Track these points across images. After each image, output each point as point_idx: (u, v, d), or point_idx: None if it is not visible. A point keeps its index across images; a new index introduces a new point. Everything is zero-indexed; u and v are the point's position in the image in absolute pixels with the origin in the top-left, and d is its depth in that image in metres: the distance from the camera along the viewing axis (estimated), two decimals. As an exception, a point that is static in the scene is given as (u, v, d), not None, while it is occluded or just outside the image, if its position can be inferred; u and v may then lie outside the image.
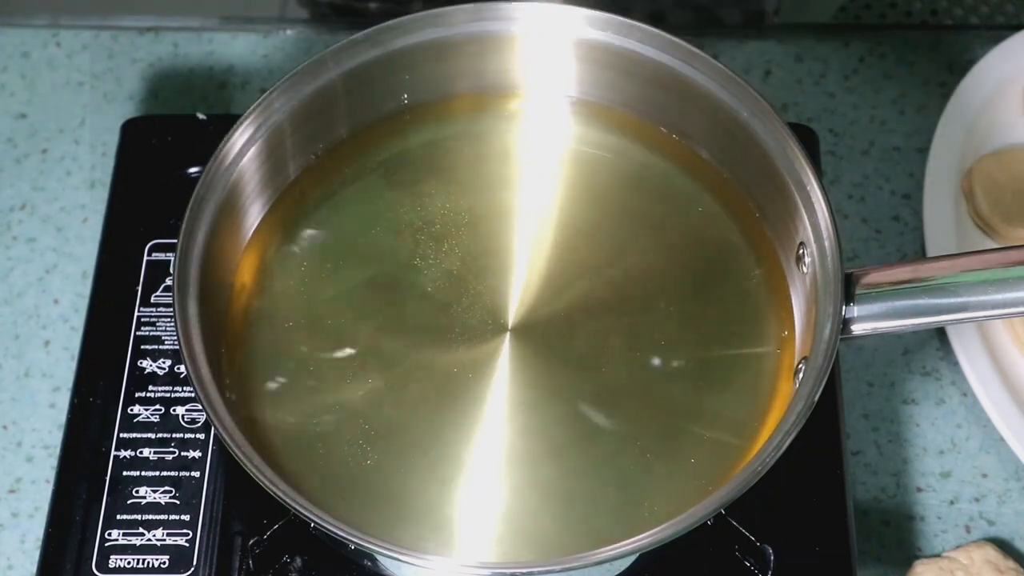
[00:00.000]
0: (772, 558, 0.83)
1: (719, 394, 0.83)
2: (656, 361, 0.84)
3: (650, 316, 0.86)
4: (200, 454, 0.88)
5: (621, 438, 0.82)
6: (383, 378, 0.84)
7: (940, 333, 0.99)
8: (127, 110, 1.11)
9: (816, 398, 0.75)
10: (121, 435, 0.88)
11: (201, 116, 1.00)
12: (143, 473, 0.87)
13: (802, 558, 0.85)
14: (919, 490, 0.94)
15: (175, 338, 0.84)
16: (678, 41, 0.87)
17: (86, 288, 1.02)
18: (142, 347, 0.92)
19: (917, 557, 0.92)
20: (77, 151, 1.09)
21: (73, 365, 0.98)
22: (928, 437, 0.97)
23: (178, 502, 0.86)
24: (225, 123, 0.85)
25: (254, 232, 0.88)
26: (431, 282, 0.87)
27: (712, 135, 0.90)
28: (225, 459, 0.88)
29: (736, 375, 0.84)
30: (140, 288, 0.94)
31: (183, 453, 0.88)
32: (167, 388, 0.90)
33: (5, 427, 0.98)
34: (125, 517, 0.86)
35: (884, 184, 1.06)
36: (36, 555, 0.92)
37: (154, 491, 0.87)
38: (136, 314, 0.93)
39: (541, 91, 0.93)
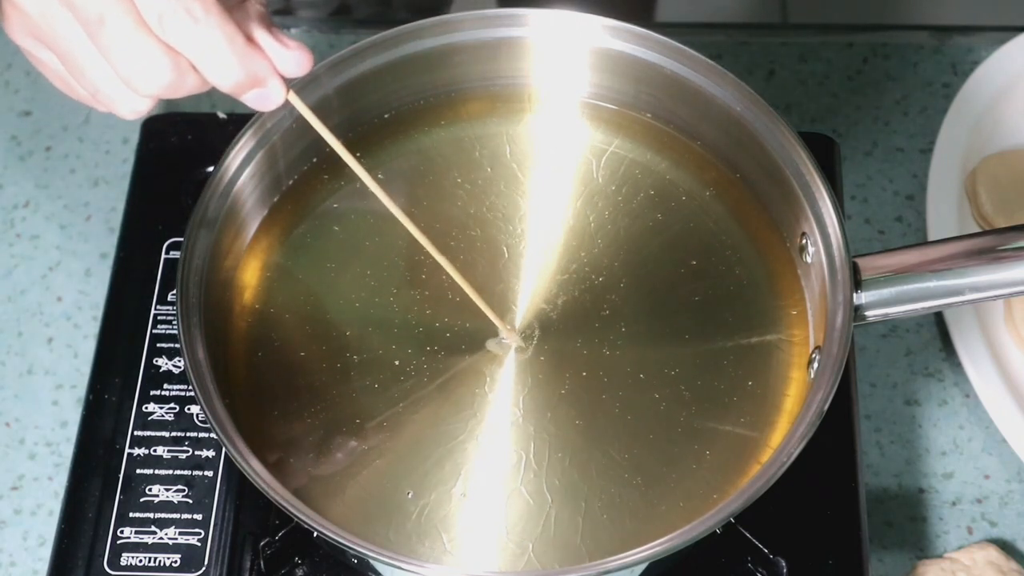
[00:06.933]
0: (785, 570, 0.83)
1: (732, 387, 0.83)
2: (668, 358, 0.84)
3: (659, 313, 0.86)
4: (214, 454, 0.88)
5: (637, 438, 0.81)
6: (387, 386, 0.83)
7: (943, 335, 1.00)
8: (131, 107, 1.10)
9: (834, 388, 0.75)
10: (135, 433, 0.89)
11: (221, 115, 1.00)
12: (157, 471, 0.87)
13: (815, 570, 0.85)
14: (921, 491, 0.95)
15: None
16: (688, 50, 0.88)
17: (89, 286, 1.02)
18: (158, 345, 0.92)
19: (919, 558, 0.92)
20: (81, 149, 1.09)
21: (76, 362, 0.99)
22: (930, 438, 0.97)
23: (191, 501, 0.86)
24: (244, 122, 0.85)
25: (254, 247, 0.88)
26: (436, 289, 0.86)
27: (718, 135, 0.90)
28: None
29: (748, 367, 0.84)
30: (157, 286, 0.94)
31: (197, 452, 0.88)
32: (182, 387, 0.90)
33: (8, 424, 0.98)
34: (138, 515, 0.86)
35: (887, 185, 1.07)
36: (39, 552, 0.93)
37: (167, 489, 0.87)
38: (152, 312, 0.93)
39: (551, 95, 0.93)
